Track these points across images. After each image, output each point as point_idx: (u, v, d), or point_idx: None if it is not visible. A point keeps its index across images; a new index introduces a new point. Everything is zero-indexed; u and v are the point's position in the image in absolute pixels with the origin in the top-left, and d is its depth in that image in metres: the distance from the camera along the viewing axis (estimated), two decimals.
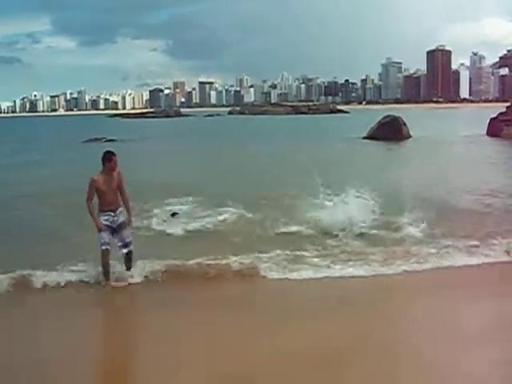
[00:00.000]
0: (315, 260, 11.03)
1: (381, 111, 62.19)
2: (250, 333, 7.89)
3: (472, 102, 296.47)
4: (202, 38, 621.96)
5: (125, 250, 10.01)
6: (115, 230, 9.91)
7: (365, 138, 44.68)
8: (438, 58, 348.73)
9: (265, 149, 38.43)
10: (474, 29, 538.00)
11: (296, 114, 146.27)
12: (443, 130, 56.26)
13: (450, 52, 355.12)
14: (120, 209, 10.03)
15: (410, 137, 43.59)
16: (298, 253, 11.44)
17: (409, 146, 40.00)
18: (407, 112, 73.98)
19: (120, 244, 9.99)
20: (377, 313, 8.69)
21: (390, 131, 42.66)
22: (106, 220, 9.82)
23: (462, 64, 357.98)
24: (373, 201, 13.62)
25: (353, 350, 7.28)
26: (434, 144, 40.39)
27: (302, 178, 16.09)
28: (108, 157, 9.67)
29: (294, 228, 13.46)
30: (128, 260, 10.09)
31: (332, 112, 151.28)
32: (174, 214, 15.32)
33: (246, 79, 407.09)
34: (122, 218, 10.00)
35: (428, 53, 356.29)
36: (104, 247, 9.73)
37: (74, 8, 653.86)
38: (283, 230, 13.42)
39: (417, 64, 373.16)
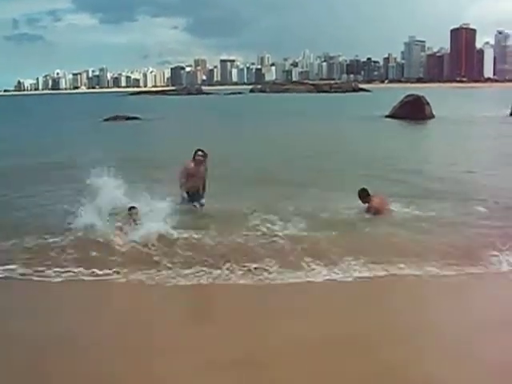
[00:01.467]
0: None
1: (403, 90, 61.56)
2: None
3: (496, 81, 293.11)
4: (223, 16, 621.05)
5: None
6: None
7: (387, 116, 44.60)
8: (462, 37, 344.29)
9: (286, 128, 38.34)
10: (500, 6, 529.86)
11: (318, 92, 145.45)
12: (467, 110, 55.57)
13: (474, 30, 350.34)
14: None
15: (433, 116, 43.19)
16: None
17: (432, 126, 39.68)
18: (430, 91, 72.90)
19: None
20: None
21: (413, 110, 42.28)
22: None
23: (487, 43, 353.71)
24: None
25: None
26: (459, 124, 39.99)
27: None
28: (197, 153, 13.03)
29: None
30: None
31: (354, 90, 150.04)
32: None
33: (268, 57, 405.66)
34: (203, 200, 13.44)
35: (452, 31, 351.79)
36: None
37: None
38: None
39: (440, 43, 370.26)
